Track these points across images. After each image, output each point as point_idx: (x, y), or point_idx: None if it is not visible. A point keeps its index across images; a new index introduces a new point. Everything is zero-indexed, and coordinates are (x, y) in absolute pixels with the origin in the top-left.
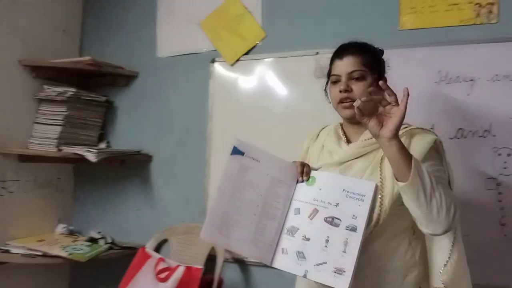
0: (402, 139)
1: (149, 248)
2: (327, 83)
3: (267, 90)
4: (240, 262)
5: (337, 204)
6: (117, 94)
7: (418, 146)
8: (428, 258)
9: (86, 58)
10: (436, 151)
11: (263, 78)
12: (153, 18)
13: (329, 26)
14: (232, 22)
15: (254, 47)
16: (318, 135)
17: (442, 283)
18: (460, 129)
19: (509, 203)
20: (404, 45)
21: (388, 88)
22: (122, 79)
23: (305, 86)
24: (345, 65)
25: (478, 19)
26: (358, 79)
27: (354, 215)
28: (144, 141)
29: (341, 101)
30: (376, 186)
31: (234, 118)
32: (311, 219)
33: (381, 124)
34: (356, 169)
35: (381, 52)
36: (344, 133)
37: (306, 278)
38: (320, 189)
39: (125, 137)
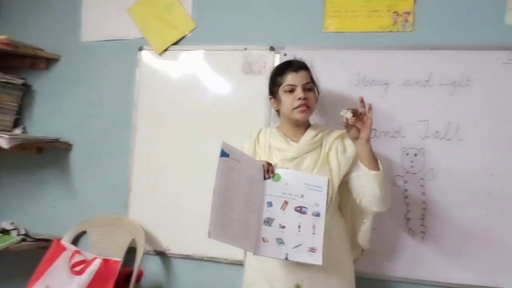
0: (335, 142)
1: (66, 240)
2: (274, 92)
3: (195, 82)
4: (162, 254)
5: (302, 196)
6: (36, 78)
7: (350, 146)
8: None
9: (1, 37)
10: None
11: (192, 69)
12: None
13: (258, 24)
14: (161, 10)
15: (183, 37)
16: (258, 137)
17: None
18: (373, 129)
19: (414, 199)
20: (328, 46)
21: (363, 101)
22: (42, 62)
23: (233, 80)
24: (300, 77)
25: (395, 26)
26: (310, 89)
27: (316, 203)
28: (64, 129)
29: (298, 107)
30: (328, 180)
31: (162, 108)
32: (283, 210)
33: (358, 130)
34: (308, 163)
35: None
36: (284, 135)
37: (287, 260)
38: (286, 184)
39: (43, 123)
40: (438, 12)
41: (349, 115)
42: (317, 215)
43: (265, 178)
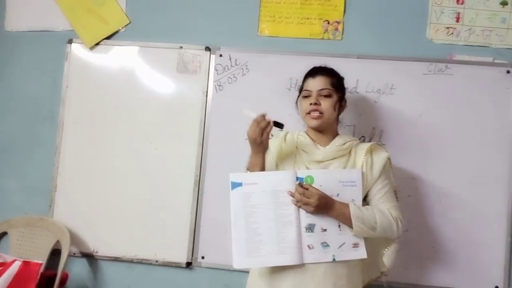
0: (366, 155)
1: None
2: (298, 97)
3: (128, 78)
4: (89, 257)
5: (338, 194)
6: None
7: (376, 163)
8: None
9: None
10: (387, 167)
11: (124, 65)
12: None
13: (194, 23)
14: (92, 3)
15: (116, 32)
16: (286, 136)
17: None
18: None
19: None
20: (262, 50)
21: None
22: None
23: (167, 79)
24: (316, 83)
25: (325, 34)
26: (326, 96)
27: (352, 199)
28: None
29: (309, 112)
30: (362, 171)
31: (92, 104)
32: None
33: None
34: (335, 167)
35: (343, 79)
36: (312, 139)
37: (335, 260)
38: (320, 185)
39: None
40: (366, 23)
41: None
42: None
43: (298, 181)
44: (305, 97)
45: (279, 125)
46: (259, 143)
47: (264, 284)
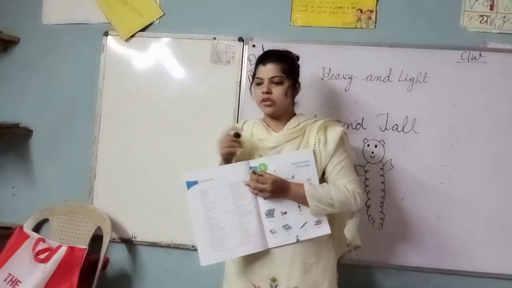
0: (318, 133)
1: (27, 228)
2: (251, 84)
3: (162, 69)
4: (128, 242)
5: (293, 176)
6: None
7: (331, 139)
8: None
9: None
10: (343, 141)
11: (159, 57)
12: None
13: (227, 14)
14: None
15: (150, 24)
16: (243, 127)
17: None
18: (337, 120)
19: (374, 188)
20: (295, 40)
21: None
22: (0, 44)
23: (201, 70)
24: (267, 70)
25: (358, 23)
26: (278, 83)
27: (308, 178)
28: (24, 114)
29: (263, 100)
30: (313, 151)
31: (127, 95)
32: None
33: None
34: (286, 151)
35: (297, 58)
36: (267, 125)
37: (299, 241)
38: (274, 170)
39: (1, 108)
40: (399, 12)
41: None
42: None
43: (251, 169)
44: (258, 84)
45: (238, 135)
46: (224, 153)
47: (237, 271)
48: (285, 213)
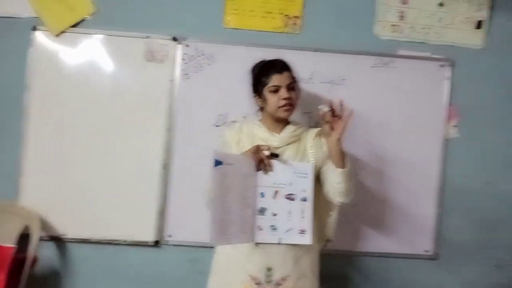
0: (315, 139)
1: None
2: (258, 90)
3: (94, 66)
4: (57, 240)
5: (291, 183)
6: None
7: (325, 143)
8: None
9: None
10: None
11: (91, 54)
12: None
13: (160, 13)
14: None
15: (82, 20)
16: (242, 126)
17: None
18: None
19: None
20: (227, 41)
21: (342, 105)
22: None
23: (135, 67)
24: (284, 78)
25: (286, 28)
26: (293, 89)
27: (303, 189)
28: None
29: (283, 106)
30: (313, 165)
31: (57, 91)
32: (275, 199)
33: (331, 128)
34: (289, 154)
35: None
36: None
37: (280, 243)
38: (276, 174)
39: None
40: (322, 19)
41: (325, 109)
42: (305, 200)
43: (258, 171)
44: (273, 91)
45: (275, 155)
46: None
47: (231, 263)
48: (275, 215)
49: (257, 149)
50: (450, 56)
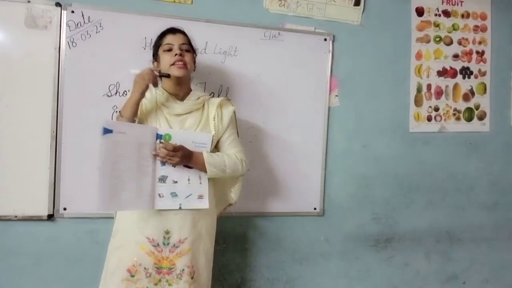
0: (217, 109)
1: None
2: (156, 54)
3: None
4: None
5: None
6: None
7: (225, 115)
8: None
9: None
10: (233, 118)
11: None
12: None
13: None
14: None
15: None
16: (146, 95)
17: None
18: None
19: None
20: (115, 8)
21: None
22: None
23: (15, 34)
24: (178, 38)
25: None
26: (187, 51)
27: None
28: None
29: (174, 63)
30: (212, 136)
31: None
32: (174, 167)
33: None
34: (191, 121)
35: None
36: (169, 94)
37: (181, 209)
38: (176, 143)
39: None
40: None
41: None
42: None
43: (157, 138)
44: (167, 50)
45: (165, 75)
46: (141, 83)
47: (130, 225)
48: (176, 182)
49: (149, 71)
50: (332, 31)
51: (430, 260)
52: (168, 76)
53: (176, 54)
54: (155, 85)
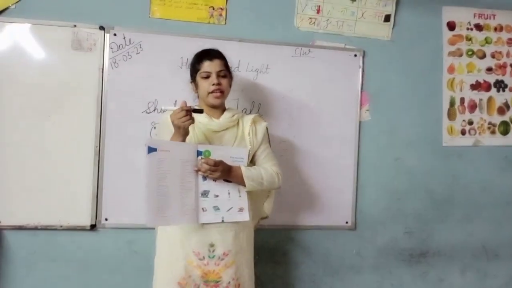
0: (251, 125)
1: None
2: (193, 77)
3: (21, 55)
4: None
5: None
6: None
7: (259, 131)
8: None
9: None
10: (266, 133)
11: (17, 42)
12: None
13: (87, 2)
14: None
15: (6, 9)
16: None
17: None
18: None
19: None
20: (154, 31)
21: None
22: None
23: (62, 56)
24: (215, 65)
25: (211, 19)
26: (224, 76)
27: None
28: None
29: (212, 92)
30: (248, 150)
31: None
32: (215, 181)
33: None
34: (228, 137)
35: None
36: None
37: (223, 221)
38: (215, 158)
39: None
40: (245, 12)
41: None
42: None
43: (198, 155)
44: (205, 77)
45: (198, 111)
46: (182, 128)
47: (177, 240)
48: (217, 196)
49: (182, 113)
50: (362, 47)
51: (466, 276)
52: (201, 112)
53: (214, 84)
54: (192, 122)
